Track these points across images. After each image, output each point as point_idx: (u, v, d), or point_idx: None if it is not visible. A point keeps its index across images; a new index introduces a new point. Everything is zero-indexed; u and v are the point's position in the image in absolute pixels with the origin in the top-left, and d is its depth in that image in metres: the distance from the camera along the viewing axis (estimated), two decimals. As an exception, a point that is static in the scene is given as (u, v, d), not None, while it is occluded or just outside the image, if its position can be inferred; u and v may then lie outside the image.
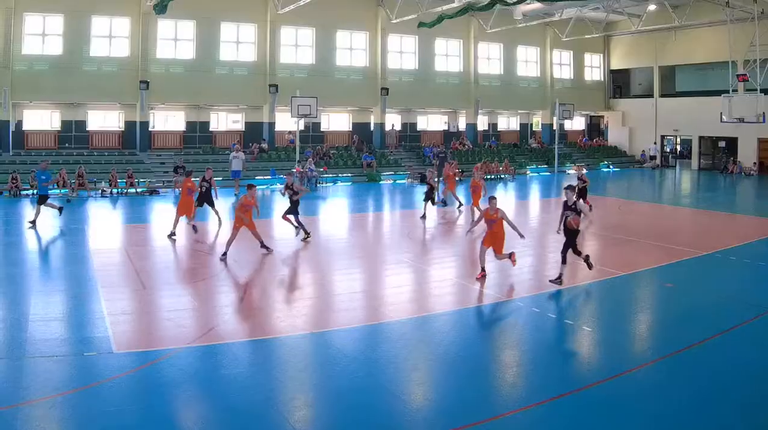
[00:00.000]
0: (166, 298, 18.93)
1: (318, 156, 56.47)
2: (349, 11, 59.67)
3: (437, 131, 68.90)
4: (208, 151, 55.96)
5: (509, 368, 14.12)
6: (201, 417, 11.62)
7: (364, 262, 24.99)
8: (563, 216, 20.27)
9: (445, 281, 21.60)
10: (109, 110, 54.85)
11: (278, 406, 11.91)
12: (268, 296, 19.80)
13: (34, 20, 49.95)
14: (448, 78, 65.73)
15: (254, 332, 16.24)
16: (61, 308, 17.82)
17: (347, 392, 12.55)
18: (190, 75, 54.23)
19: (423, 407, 12.11)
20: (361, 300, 19.27)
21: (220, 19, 55.20)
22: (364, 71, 61.52)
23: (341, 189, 51.16)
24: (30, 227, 29.29)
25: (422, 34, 61.66)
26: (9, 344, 14.61)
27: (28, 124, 52.36)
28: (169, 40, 54.05)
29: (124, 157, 51.56)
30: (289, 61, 58.33)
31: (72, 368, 13.35)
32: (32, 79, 49.20)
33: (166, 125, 57.39)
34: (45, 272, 22.47)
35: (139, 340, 15.29)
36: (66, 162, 47.88)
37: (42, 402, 11.70)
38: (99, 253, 24.96)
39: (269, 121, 58.02)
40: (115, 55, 52.13)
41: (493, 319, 17.73)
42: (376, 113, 62.90)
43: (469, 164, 59.28)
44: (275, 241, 26.70)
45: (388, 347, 15.05)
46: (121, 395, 12.18)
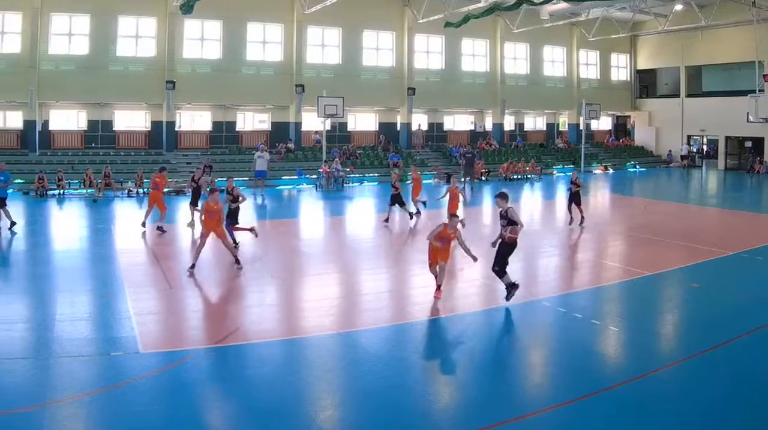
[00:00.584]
0: (192, 298, 18.60)
1: (344, 156, 55.07)
2: (375, 11, 58.22)
3: (464, 131, 67.17)
4: (234, 151, 54.69)
5: (535, 367, 14.02)
6: (227, 417, 11.55)
7: (390, 262, 24.54)
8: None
9: (472, 281, 21.10)
10: (136, 110, 53.68)
11: (305, 406, 11.81)
12: (295, 296, 19.48)
13: (60, 20, 48.84)
14: (474, 78, 64.13)
15: (280, 332, 16.07)
16: (87, 308, 17.63)
17: (374, 392, 12.41)
18: (216, 75, 52.98)
19: (449, 406, 12.06)
20: (387, 300, 19.09)
21: (246, 18, 53.92)
22: (390, 71, 60.01)
23: (368, 189, 50.00)
24: (9, 229, 28.09)
25: (449, 34, 59.95)
26: (36, 344, 14.48)
27: (55, 124, 51.26)
28: (196, 40, 52.77)
29: (150, 157, 50.30)
30: (316, 61, 56.98)
31: (98, 368, 13.20)
32: (58, 79, 48.18)
33: (192, 125, 55.88)
34: (71, 271, 21.70)
35: (165, 340, 15.15)
36: (92, 162, 46.87)
37: (68, 402, 11.54)
38: (125, 253, 24.46)
39: (296, 121, 56.55)
40: (141, 55, 50.99)
41: (520, 319, 17.32)
42: (403, 113, 61.29)
43: (495, 164, 58.34)
44: (301, 241, 26.48)
45: (414, 347, 14.96)
46: (147, 395, 12.06)
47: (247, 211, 33.01)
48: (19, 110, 48.82)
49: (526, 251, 24.49)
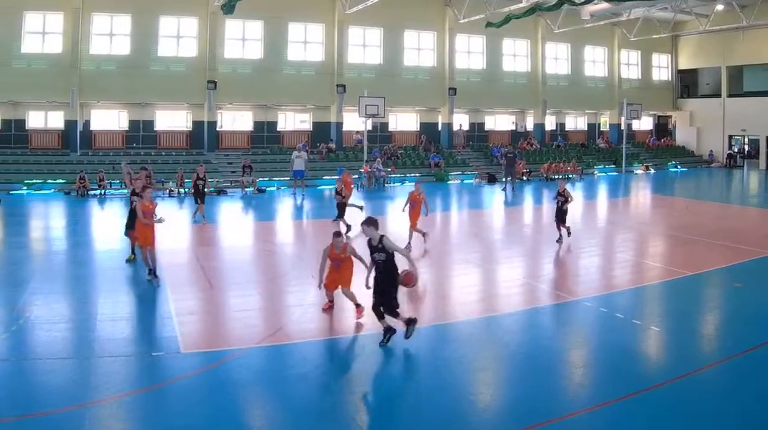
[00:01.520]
0: (233, 298, 18.10)
1: (386, 156, 53.30)
2: (416, 11, 55.95)
3: (505, 131, 64.77)
4: (275, 151, 52.85)
5: (577, 368, 13.53)
6: (267, 417, 11.25)
7: (431, 262, 23.30)
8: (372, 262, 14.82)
9: (513, 281, 20.50)
10: (177, 110, 52.26)
11: (345, 406, 11.53)
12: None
13: (101, 20, 47.46)
14: (515, 78, 61.73)
15: (322, 332, 15.52)
16: (128, 308, 17.35)
17: (415, 392, 12.20)
18: (257, 75, 51.38)
19: (491, 406, 11.67)
20: (428, 300, 18.39)
21: (287, 19, 52.19)
22: (431, 71, 57.86)
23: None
24: None
25: (490, 34, 57.74)
26: (77, 344, 14.21)
27: (96, 124, 49.90)
28: (237, 40, 51.20)
29: (191, 157, 48.70)
30: (357, 61, 55.06)
31: (139, 368, 12.98)
32: (100, 79, 46.89)
33: (233, 125, 54.47)
34: (112, 271, 20.98)
35: (206, 340, 14.76)
36: (133, 162, 43.78)
37: (110, 402, 11.28)
38: (166, 253, 23.30)
39: (337, 121, 54.73)
40: (182, 55, 49.59)
41: (561, 319, 16.80)
42: (444, 113, 59.24)
43: (536, 164, 55.97)
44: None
45: (456, 347, 14.40)
46: (188, 395, 11.81)
47: (287, 211, 35.04)
48: (61, 110, 47.50)
49: (567, 250, 24.70)
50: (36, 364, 13.02)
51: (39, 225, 28.76)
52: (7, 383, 12.09)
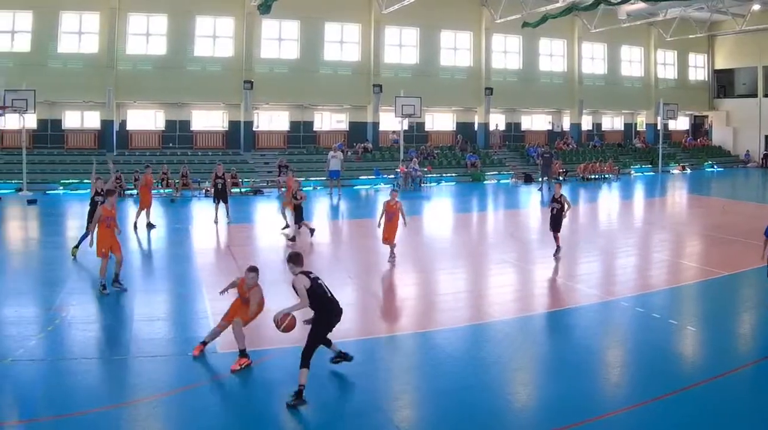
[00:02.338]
0: (269, 297, 15.85)
1: (422, 156, 51.07)
2: (453, 11, 53.67)
3: (541, 131, 62.24)
4: (312, 151, 50.91)
5: (614, 367, 13.30)
6: (305, 417, 10.88)
7: (468, 261, 23.07)
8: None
9: (550, 281, 20.35)
10: (213, 110, 50.60)
11: (382, 406, 11.30)
12: (373, 296, 18.59)
13: (137, 20, 45.99)
14: (552, 78, 59.26)
15: (358, 332, 15.02)
16: (165, 308, 17.16)
17: (450, 392, 11.72)
18: (294, 75, 49.54)
19: (527, 406, 11.47)
20: (465, 300, 18.13)
21: (324, 19, 50.32)
22: (468, 71, 55.52)
23: (445, 189, 46.83)
24: None
25: (526, 33, 55.30)
26: (113, 344, 14.03)
27: (132, 124, 48.34)
28: (273, 40, 49.40)
29: (228, 157, 46.88)
30: (393, 61, 52.98)
31: (176, 368, 12.77)
32: (136, 79, 45.55)
33: (270, 125, 52.51)
34: (149, 271, 21.10)
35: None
36: (170, 162, 43.66)
37: (146, 402, 11.10)
38: (203, 252, 23.70)
39: (373, 121, 52.67)
40: (219, 55, 48.02)
41: (598, 319, 16.41)
42: (480, 113, 56.82)
43: (573, 164, 53.65)
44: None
45: (492, 347, 14.22)
46: (225, 394, 11.78)
47: (323, 211, 34.70)
48: (97, 110, 46.29)
49: (604, 250, 24.55)
50: (72, 364, 12.71)
51: (75, 225, 27.42)
52: (43, 383, 11.80)
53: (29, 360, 12.69)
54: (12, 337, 13.93)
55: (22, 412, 10.77)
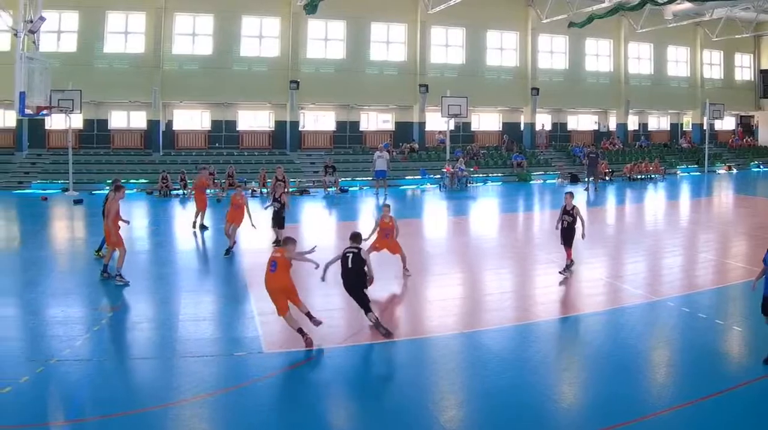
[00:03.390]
0: (316, 297, 16.21)
1: (468, 156, 48.14)
2: (499, 11, 50.53)
3: (587, 131, 58.92)
4: (358, 151, 48.17)
5: (659, 367, 12.50)
6: (350, 417, 10.48)
7: (514, 261, 21.92)
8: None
9: (596, 281, 19.01)
10: (259, 110, 48.09)
11: (428, 405, 10.67)
12: (419, 296, 17.58)
13: (184, 20, 43.85)
14: (598, 78, 55.64)
15: (404, 332, 14.40)
16: (210, 308, 16.26)
17: (497, 392, 11.05)
18: (340, 75, 46.97)
19: (573, 406, 10.76)
20: (511, 300, 17.21)
21: (370, 19, 47.56)
22: (514, 71, 52.22)
23: (491, 189, 44.23)
24: None
25: (572, 34, 52.29)
26: (160, 344, 13.41)
27: (178, 124, 46.13)
28: (320, 40, 46.83)
29: (274, 157, 44.57)
30: (440, 61, 49.88)
31: (221, 368, 12.13)
32: (182, 79, 43.53)
33: (316, 125, 49.77)
34: (194, 271, 20.10)
35: (289, 340, 13.38)
36: (216, 162, 41.57)
37: (192, 402, 10.54)
38: (249, 252, 22.11)
39: (419, 121, 49.70)
40: (265, 55, 45.67)
41: (644, 319, 15.36)
42: (527, 113, 53.49)
43: (619, 164, 50.06)
44: (425, 241, 23.94)
45: (538, 347, 13.43)
46: (271, 395, 11.12)
47: (369, 211, 32.69)
48: (143, 110, 44.32)
49: (650, 250, 23.19)
50: (118, 364, 12.25)
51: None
52: (90, 383, 11.22)
53: (75, 360, 12.06)
54: (58, 337, 13.32)
55: (69, 412, 10.30)
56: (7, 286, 17.84)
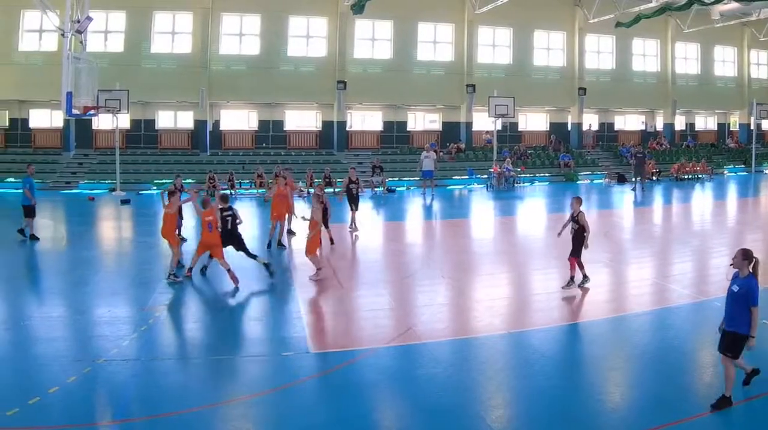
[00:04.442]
0: (363, 298, 15.97)
1: (515, 156, 44.92)
2: (546, 11, 47.08)
3: (634, 131, 55.19)
4: (405, 151, 45.04)
5: (706, 368, 11.34)
6: (397, 417, 9.83)
7: (560, 261, 18.82)
8: None
9: (643, 281, 17.74)
10: (307, 110, 45.23)
11: (475, 406, 10.01)
12: (465, 296, 16.29)
13: (231, 20, 41.24)
14: (645, 78, 51.76)
15: (451, 332, 13.45)
16: (257, 308, 15.43)
17: (544, 392, 10.34)
18: (387, 75, 43.99)
19: (619, 407, 9.97)
20: (558, 300, 15.67)
21: (417, 19, 44.35)
22: (561, 71, 48.62)
23: (538, 189, 41.56)
24: (22, 240, 22.10)
25: (619, 33, 48.46)
26: (207, 344, 12.66)
27: (225, 124, 43.43)
28: (367, 40, 43.85)
29: (321, 157, 41.90)
30: (487, 61, 46.44)
31: (268, 368, 11.35)
32: (229, 79, 40.92)
33: (363, 125, 46.82)
34: (241, 271, 17.39)
35: (335, 340, 12.99)
36: (263, 162, 38.88)
37: (239, 402, 9.94)
38: (297, 252, 20.54)
39: (466, 120, 46.30)
40: (312, 55, 42.80)
41: (690, 319, 14.33)
42: (574, 113, 49.85)
43: (666, 164, 46.40)
44: (472, 241, 23.26)
45: (584, 348, 12.79)
46: (318, 394, 10.46)
47: (417, 211, 32.04)
48: (190, 110, 41.72)
49: (697, 250, 22.01)
50: (165, 364, 11.49)
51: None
52: (136, 382, 10.52)
53: (122, 360, 11.39)
54: (106, 337, 12.60)
55: (116, 412, 9.65)
56: (55, 286, 17.17)
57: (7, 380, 10.56)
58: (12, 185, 35.57)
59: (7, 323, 13.42)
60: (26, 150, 39.92)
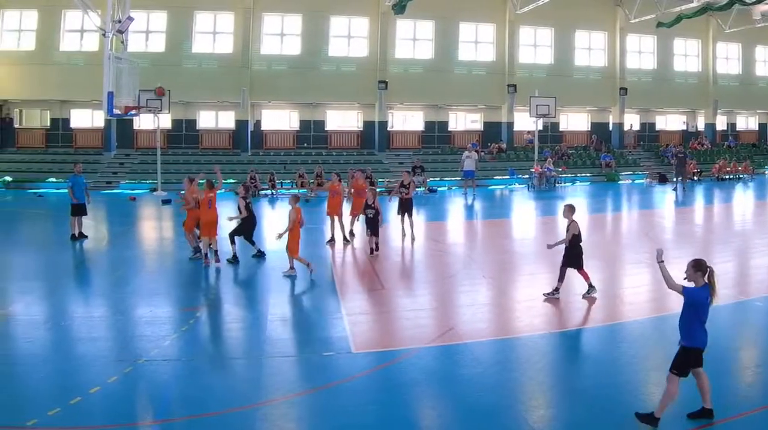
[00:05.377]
0: (404, 298, 14.89)
1: (556, 156, 41.96)
2: (587, 11, 43.90)
3: (676, 131, 51.49)
4: (446, 151, 42.12)
5: (747, 368, 10.65)
6: (439, 417, 9.12)
7: (602, 262, 18.56)
8: None
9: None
10: (348, 110, 42.49)
11: (517, 406, 9.33)
12: (506, 296, 15.14)
13: (272, 20, 38.62)
14: (686, 78, 48.24)
15: (493, 332, 12.52)
16: (298, 308, 14.55)
17: (585, 392, 9.60)
18: (428, 75, 41.13)
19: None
20: (599, 299, 14.23)
21: (458, 19, 41.44)
22: (602, 71, 45.32)
23: (579, 189, 38.77)
24: (74, 240, 20.92)
25: (660, 33, 45.10)
26: (248, 344, 11.87)
27: (267, 124, 40.79)
28: (408, 40, 40.98)
29: (362, 157, 39.17)
30: (528, 61, 43.41)
31: (310, 368, 10.62)
32: (270, 79, 38.44)
33: (404, 125, 43.87)
34: (281, 271, 16.70)
35: (377, 340, 12.08)
36: (304, 162, 36.38)
37: (281, 402, 9.37)
38: (337, 253, 19.95)
39: (507, 120, 43.25)
40: (353, 55, 40.05)
41: (732, 319, 12.96)
42: (615, 113, 46.55)
43: (707, 164, 42.95)
44: (513, 241, 22.39)
45: (627, 347, 11.50)
46: (359, 395, 9.65)
47: (458, 211, 30.76)
48: (231, 110, 39.16)
49: (739, 250, 20.38)
50: (206, 364, 10.64)
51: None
52: (178, 383, 9.85)
53: (163, 360, 10.63)
54: (146, 337, 11.81)
55: (157, 412, 8.95)
56: (96, 285, 16.34)
57: (48, 379, 9.93)
58: (53, 185, 33.72)
59: (48, 322, 12.62)
60: (67, 150, 37.65)
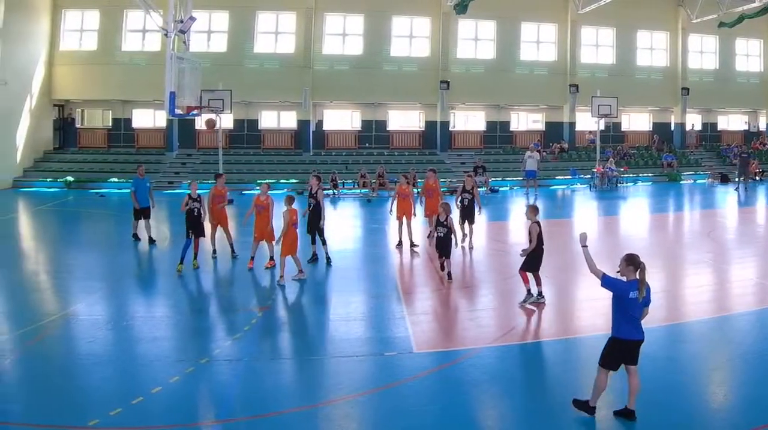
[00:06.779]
0: (466, 297, 13.53)
1: (618, 156, 37.83)
2: (649, 11, 39.42)
3: (737, 131, 46.56)
4: (508, 151, 38.07)
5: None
6: (500, 417, 8.28)
7: (663, 262, 16.66)
8: None
9: (747, 281, 14.66)
10: (410, 110, 38.58)
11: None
12: (568, 295, 13.82)
13: (334, 20, 35.09)
14: (748, 78, 43.25)
15: (554, 332, 11.35)
16: (361, 308, 12.81)
17: (646, 392, 8.11)
18: (490, 75, 37.16)
19: (723, 406, 8.34)
20: (661, 299, 12.14)
21: (520, 18, 37.37)
22: (664, 71, 40.78)
23: (641, 189, 35.43)
24: (136, 240, 19.62)
25: (722, 33, 40.18)
26: (310, 344, 10.78)
27: (328, 124, 37.16)
28: (470, 40, 37.02)
29: (424, 157, 35.32)
30: (590, 61, 39.07)
31: (372, 368, 9.67)
32: (332, 79, 34.95)
33: (466, 125, 39.86)
34: (345, 271, 15.42)
35: (439, 340, 10.98)
36: (366, 162, 33.19)
37: (343, 401, 8.48)
38: (398, 252, 17.81)
39: (569, 121, 39.07)
40: (415, 55, 36.28)
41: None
42: (677, 113, 41.98)
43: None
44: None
45: (687, 347, 10.44)
46: (421, 394, 8.81)
47: (520, 211, 27.45)
48: (293, 110, 35.68)
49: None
50: (268, 364, 9.75)
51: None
52: (240, 382, 9.04)
53: (225, 360, 9.58)
54: (208, 337, 10.76)
55: (219, 412, 8.24)
56: (158, 286, 15.07)
57: (110, 380, 9.05)
58: (115, 185, 30.77)
59: (110, 323, 11.67)
60: (129, 150, 34.40)
